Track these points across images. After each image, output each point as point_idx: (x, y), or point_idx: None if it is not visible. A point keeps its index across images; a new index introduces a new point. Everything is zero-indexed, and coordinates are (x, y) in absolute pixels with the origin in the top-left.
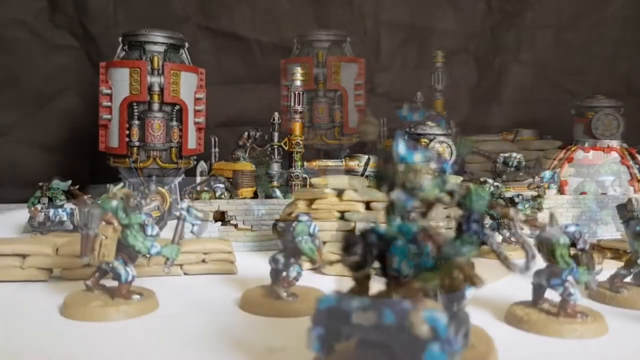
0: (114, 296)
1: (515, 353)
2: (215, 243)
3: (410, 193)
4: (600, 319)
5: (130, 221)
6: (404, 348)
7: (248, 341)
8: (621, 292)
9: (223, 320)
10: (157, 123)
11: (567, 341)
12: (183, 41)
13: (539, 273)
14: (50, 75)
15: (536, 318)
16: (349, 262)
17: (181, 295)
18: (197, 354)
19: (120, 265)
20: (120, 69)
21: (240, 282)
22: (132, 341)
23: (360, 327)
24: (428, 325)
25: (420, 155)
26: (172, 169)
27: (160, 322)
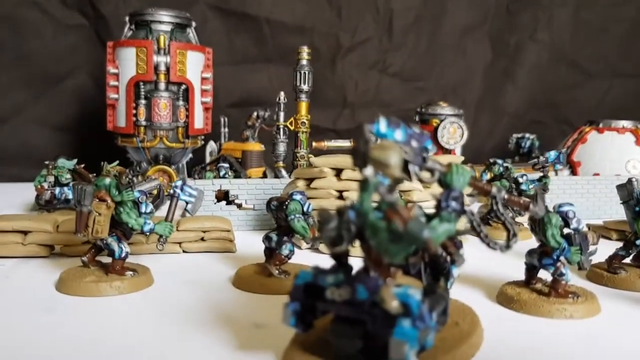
0: (108, 272)
1: (501, 332)
2: (215, 221)
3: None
4: (592, 299)
5: (123, 198)
6: (377, 324)
7: (236, 317)
8: (619, 273)
9: (215, 296)
10: (164, 102)
11: (556, 321)
12: (189, 20)
13: (531, 253)
14: (60, 55)
15: (527, 298)
16: (325, 238)
17: (177, 272)
18: (183, 329)
19: (114, 241)
20: (127, 49)
21: (238, 260)
22: (122, 316)
23: (334, 302)
24: (399, 301)
25: (402, 133)
26: (179, 149)
27: (152, 298)
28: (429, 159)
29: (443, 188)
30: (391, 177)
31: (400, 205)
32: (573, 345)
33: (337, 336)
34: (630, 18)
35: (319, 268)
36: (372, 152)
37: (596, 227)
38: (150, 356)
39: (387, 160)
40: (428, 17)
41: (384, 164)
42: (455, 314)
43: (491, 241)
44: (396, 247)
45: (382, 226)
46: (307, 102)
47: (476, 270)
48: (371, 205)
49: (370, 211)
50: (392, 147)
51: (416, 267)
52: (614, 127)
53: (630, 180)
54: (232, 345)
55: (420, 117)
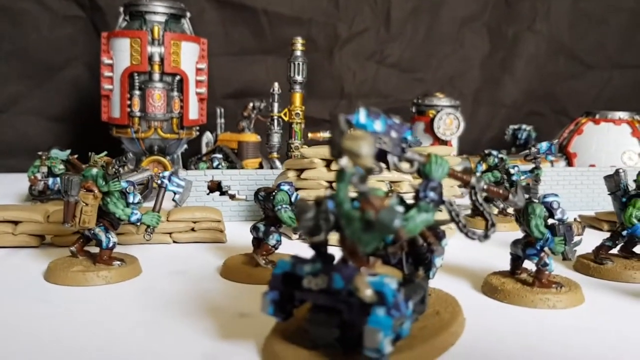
0: (96, 262)
1: (483, 322)
2: (205, 212)
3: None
4: (576, 289)
5: (110, 188)
6: (353, 312)
7: (222, 307)
8: (605, 264)
9: (202, 286)
10: (158, 93)
11: (538, 311)
12: (184, 11)
13: (516, 243)
14: (57, 46)
15: (510, 288)
16: (302, 228)
17: (166, 262)
18: (167, 319)
19: (101, 231)
20: (121, 39)
21: (228, 251)
22: (107, 305)
23: (311, 291)
24: (373, 290)
25: (381, 123)
26: (174, 140)
27: (139, 288)
28: (408, 150)
29: (422, 179)
30: (363, 167)
31: (374, 194)
32: (554, 335)
33: (314, 325)
34: (629, 8)
35: (297, 257)
36: (344, 142)
37: (587, 218)
38: (131, 345)
39: (358, 151)
40: (426, 8)
41: (356, 154)
42: (437, 304)
43: (469, 231)
44: (368, 237)
45: (356, 216)
46: (301, 93)
47: (463, 260)
48: (347, 195)
49: (346, 201)
50: (364, 137)
51: (396, 257)
52: (610, 118)
53: (618, 171)
54: (215, 334)
55: (416, 109)
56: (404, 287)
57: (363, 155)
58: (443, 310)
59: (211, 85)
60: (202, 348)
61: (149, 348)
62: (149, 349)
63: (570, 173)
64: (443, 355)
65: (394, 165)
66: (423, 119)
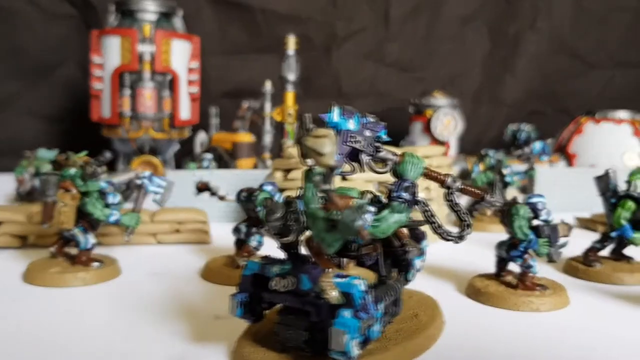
0: (74, 263)
1: (463, 325)
2: (190, 213)
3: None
4: (561, 292)
5: (88, 188)
6: (321, 314)
7: (198, 308)
8: (594, 266)
9: (181, 288)
10: (148, 93)
11: (521, 314)
12: (175, 9)
13: (500, 245)
14: (50, 46)
15: (494, 290)
16: (271, 228)
17: (147, 263)
18: (141, 321)
19: (80, 232)
20: (111, 37)
21: (212, 252)
22: (82, 307)
23: (278, 293)
24: (340, 291)
25: (355, 122)
26: (165, 139)
27: (116, 290)
28: (383, 149)
29: (396, 178)
30: (325, 166)
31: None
32: (535, 338)
33: (283, 327)
34: (632, 7)
35: (267, 258)
36: (306, 140)
37: (584, 220)
38: (97, 346)
39: (320, 149)
40: (426, 6)
41: (318, 153)
42: (416, 306)
43: (444, 232)
44: (331, 237)
45: (321, 215)
46: (294, 92)
47: (451, 262)
48: (314, 195)
49: (312, 201)
50: (326, 135)
51: (372, 258)
52: (611, 117)
53: (607, 172)
54: (188, 337)
55: (414, 108)
56: (375, 289)
57: (325, 153)
58: (421, 313)
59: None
60: (170, 350)
61: (115, 349)
62: (115, 350)
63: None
64: (418, 359)
65: (367, 164)
66: (421, 119)
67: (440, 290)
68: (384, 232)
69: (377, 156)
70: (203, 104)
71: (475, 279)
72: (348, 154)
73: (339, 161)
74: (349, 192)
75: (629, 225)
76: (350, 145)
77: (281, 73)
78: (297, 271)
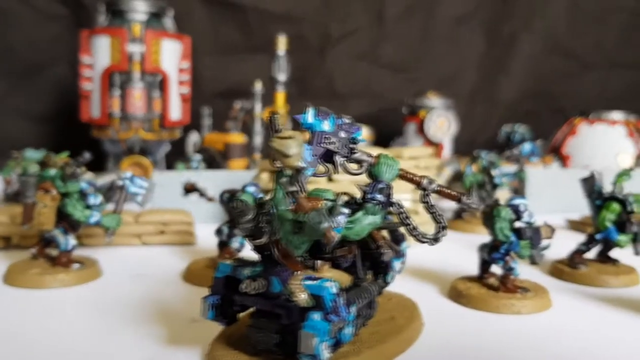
0: (54, 264)
1: (443, 327)
2: (175, 214)
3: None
4: (543, 294)
5: (68, 189)
6: (292, 317)
7: (176, 311)
8: (579, 268)
9: (161, 290)
10: (138, 93)
11: (502, 316)
12: (165, 9)
13: (483, 247)
14: (42, 45)
15: (475, 293)
16: (242, 230)
17: (130, 265)
18: (117, 323)
19: (60, 233)
20: (101, 38)
21: (196, 254)
22: (60, 309)
23: (249, 295)
24: (309, 294)
25: (330, 123)
26: (155, 140)
27: (95, 291)
28: (358, 150)
29: (372, 180)
30: (291, 167)
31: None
32: (515, 341)
33: (254, 330)
34: (628, 7)
35: (240, 260)
36: (272, 142)
37: (575, 222)
38: (70, 349)
39: (285, 151)
40: (420, 6)
41: (283, 154)
42: (394, 309)
43: (419, 234)
44: (298, 239)
45: (289, 217)
46: (284, 93)
47: (437, 264)
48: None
49: (281, 202)
50: (292, 136)
51: (348, 261)
52: (605, 119)
53: (592, 174)
54: (163, 339)
55: (408, 109)
56: (347, 292)
57: (291, 155)
58: (399, 316)
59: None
60: (144, 353)
61: (86, 351)
62: (87, 352)
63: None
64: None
65: (341, 165)
66: (414, 120)
67: (423, 293)
68: (358, 234)
69: (351, 158)
70: (195, 104)
71: (458, 281)
72: (322, 155)
73: (312, 162)
74: (323, 194)
75: (614, 227)
76: (324, 147)
77: (271, 73)
78: (268, 273)
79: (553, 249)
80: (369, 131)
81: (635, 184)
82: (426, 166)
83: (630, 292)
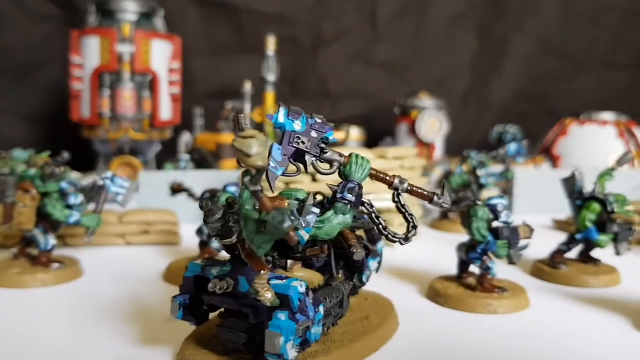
0: (34, 264)
1: (418, 327)
2: (159, 214)
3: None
4: (521, 294)
5: (47, 189)
6: (260, 316)
7: (153, 311)
8: (559, 268)
9: (140, 290)
10: (128, 93)
11: (478, 316)
12: (155, 9)
13: (461, 247)
14: (34, 46)
15: (453, 292)
16: (210, 230)
17: (111, 265)
18: (93, 323)
19: (40, 233)
20: (91, 38)
21: (179, 254)
22: (37, 309)
23: (217, 295)
24: (275, 293)
25: (302, 123)
26: (146, 140)
27: (74, 291)
28: (329, 150)
29: (343, 180)
30: (253, 167)
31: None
32: (489, 341)
33: (223, 330)
34: (621, 8)
35: (210, 260)
36: (235, 142)
37: (561, 222)
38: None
39: (247, 150)
40: (413, 7)
41: (245, 154)
42: (370, 308)
43: (390, 233)
44: (260, 238)
45: (253, 217)
46: (273, 93)
47: (420, 264)
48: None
49: (248, 202)
50: (254, 135)
51: (320, 260)
52: (595, 119)
53: (574, 174)
54: (136, 339)
55: (400, 110)
56: (316, 291)
57: (252, 154)
58: (374, 315)
59: (192, 85)
60: (116, 352)
61: (59, 351)
62: (59, 352)
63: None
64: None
65: (312, 165)
66: (406, 120)
67: (402, 293)
68: (328, 233)
69: (322, 157)
70: (188, 104)
71: (436, 281)
72: (293, 155)
73: (282, 162)
74: (295, 194)
75: (594, 227)
76: (295, 147)
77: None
78: (236, 273)
79: (536, 249)
80: (361, 132)
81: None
82: (411, 166)
83: (610, 292)
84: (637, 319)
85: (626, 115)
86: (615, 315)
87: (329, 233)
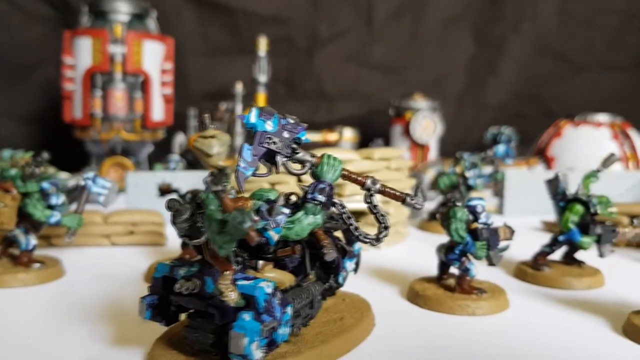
0: (15, 264)
1: (394, 328)
2: (144, 214)
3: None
4: (500, 296)
5: (27, 189)
6: (226, 317)
7: (130, 311)
8: (542, 270)
9: (120, 291)
10: (119, 94)
11: (456, 317)
12: (148, 10)
13: (440, 248)
14: (29, 47)
15: (432, 293)
16: (178, 230)
17: (94, 265)
18: (70, 322)
19: (21, 233)
20: (83, 38)
21: (164, 254)
22: (16, 308)
23: (183, 295)
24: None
25: (274, 123)
26: (137, 141)
27: (55, 291)
28: (300, 150)
29: (315, 180)
30: (214, 167)
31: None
32: (464, 342)
33: (190, 330)
34: (619, 9)
35: (179, 260)
36: (195, 142)
37: (550, 224)
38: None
39: (208, 150)
40: (409, 8)
41: (205, 154)
42: (345, 309)
43: (362, 234)
44: (221, 238)
45: (216, 217)
46: (265, 94)
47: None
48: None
49: (212, 202)
50: (214, 135)
51: (293, 261)
52: (590, 121)
53: (557, 175)
54: (110, 339)
55: (394, 111)
56: (285, 292)
57: (212, 154)
58: (349, 316)
59: (187, 85)
60: (88, 352)
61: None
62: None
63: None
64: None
65: (283, 165)
66: (400, 122)
67: (381, 294)
68: (298, 234)
69: (294, 158)
70: (182, 105)
71: (416, 282)
72: (264, 155)
73: (252, 162)
74: (267, 194)
75: (577, 229)
76: (266, 147)
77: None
78: (203, 274)
79: (523, 250)
80: (355, 133)
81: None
82: (397, 167)
83: (592, 294)
84: (618, 321)
85: (622, 117)
86: (596, 317)
87: (299, 233)
